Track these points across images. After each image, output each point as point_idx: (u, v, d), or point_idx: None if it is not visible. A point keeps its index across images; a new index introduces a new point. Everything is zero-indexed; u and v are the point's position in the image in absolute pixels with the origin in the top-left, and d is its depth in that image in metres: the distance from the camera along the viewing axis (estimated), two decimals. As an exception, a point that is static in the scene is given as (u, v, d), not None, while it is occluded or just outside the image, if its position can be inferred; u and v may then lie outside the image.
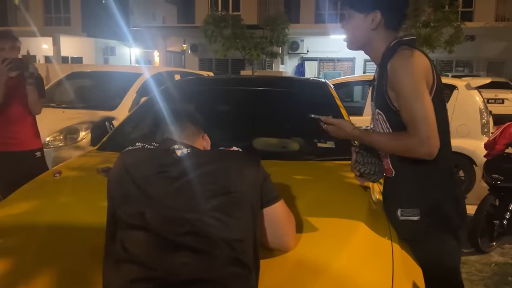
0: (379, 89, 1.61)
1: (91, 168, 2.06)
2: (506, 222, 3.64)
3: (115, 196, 1.27)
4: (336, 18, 19.36)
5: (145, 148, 1.36)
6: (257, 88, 3.20)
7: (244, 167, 1.31)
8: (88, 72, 6.80)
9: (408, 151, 1.51)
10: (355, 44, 1.69)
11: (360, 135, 1.65)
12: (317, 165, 2.27)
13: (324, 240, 1.48)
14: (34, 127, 3.17)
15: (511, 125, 3.77)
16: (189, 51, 21.00)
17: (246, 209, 1.24)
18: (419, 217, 1.59)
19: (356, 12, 1.62)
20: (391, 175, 1.69)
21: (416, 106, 1.46)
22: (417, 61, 1.50)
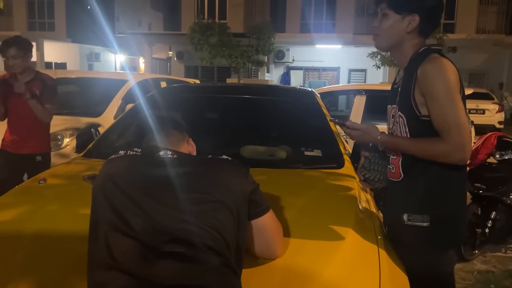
0: (404, 93, 1.61)
1: (76, 175, 2.04)
2: (488, 231, 3.70)
3: (99, 205, 1.25)
4: (321, 28, 19.63)
5: (128, 155, 1.34)
6: (244, 96, 3.21)
7: (231, 175, 1.30)
8: (72, 78, 6.72)
9: (441, 157, 1.52)
10: (385, 44, 1.69)
11: (388, 141, 1.65)
12: (304, 173, 2.29)
13: (312, 249, 1.48)
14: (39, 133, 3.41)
15: (492, 136, 3.86)
16: (175, 58, 20.94)
17: (231, 217, 1.23)
18: (429, 223, 1.58)
19: (394, 12, 1.61)
20: (398, 179, 1.68)
21: (451, 113, 1.48)
22: (451, 69, 1.52)
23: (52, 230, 1.56)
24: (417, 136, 1.59)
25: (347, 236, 1.56)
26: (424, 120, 1.56)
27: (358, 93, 5.85)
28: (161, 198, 1.21)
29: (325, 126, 2.70)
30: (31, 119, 3.30)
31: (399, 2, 1.60)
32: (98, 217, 1.25)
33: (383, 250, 1.56)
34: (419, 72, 1.53)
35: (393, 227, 1.71)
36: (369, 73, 18.81)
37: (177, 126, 1.46)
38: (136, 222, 1.18)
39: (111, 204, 1.22)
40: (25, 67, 3.29)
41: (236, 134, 2.81)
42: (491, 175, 3.76)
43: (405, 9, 1.59)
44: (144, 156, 1.33)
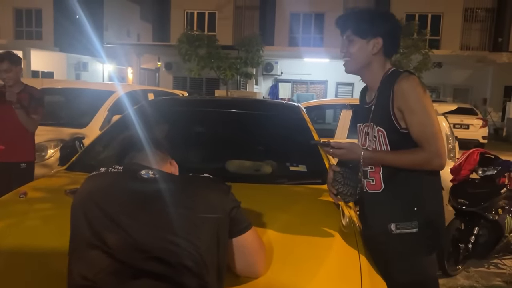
0: (381, 110, 1.73)
1: (58, 189, 2.01)
2: (471, 246, 3.73)
3: (78, 222, 1.24)
4: (309, 42, 19.86)
5: (109, 172, 1.33)
6: (231, 110, 3.22)
7: (212, 193, 1.29)
8: (59, 88, 6.67)
9: (423, 164, 1.66)
10: (354, 67, 1.82)
11: (372, 156, 1.74)
12: (289, 189, 2.28)
13: (294, 266, 1.48)
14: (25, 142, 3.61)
15: (475, 152, 3.92)
16: (163, 69, 20.94)
17: (211, 236, 1.22)
18: (417, 229, 1.67)
19: (359, 37, 1.75)
20: (379, 191, 1.76)
21: (429, 124, 1.64)
22: (422, 84, 1.69)
23: (30, 245, 1.53)
24: (396, 147, 1.70)
25: (329, 253, 1.56)
26: (403, 132, 1.69)
27: (345, 107, 5.91)
28: (140, 217, 1.20)
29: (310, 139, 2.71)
30: (17, 128, 3.52)
31: (363, 29, 1.75)
32: (76, 234, 1.24)
33: (365, 266, 1.56)
34: (396, 89, 1.67)
35: (376, 238, 1.75)
36: (356, 87, 19.02)
37: (161, 146, 1.46)
38: (114, 240, 1.17)
39: (89, 222, 1.21)
40: (16, 80, 3.56)
41: (222, 148, 2.81)
42: (474, 190, 3.80)
43: (368, 34, 1.75)
44: (125, 174, 1.32)
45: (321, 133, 3.01)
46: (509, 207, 3.85)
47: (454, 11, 19.70)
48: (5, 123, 3.53)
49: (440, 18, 19.87)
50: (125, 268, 1.15)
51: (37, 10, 22.23)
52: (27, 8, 22.24)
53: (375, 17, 1.79)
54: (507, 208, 3.82)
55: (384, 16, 1.82)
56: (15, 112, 3.47)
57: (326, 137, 5.33)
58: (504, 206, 3.82)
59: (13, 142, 3.55)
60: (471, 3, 19.84)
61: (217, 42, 15.71)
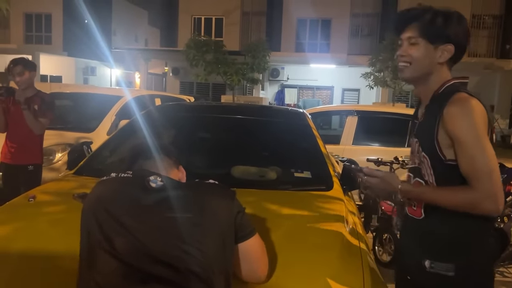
0: (427, 132, 1.52)
1: (66, 193, 2.04)
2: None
3: (87, 226, 1.27)
4: (316, 48, 19.89)
5: (119, 177, 1.36)
6: (237, 116, 3.25)
7: (218, 199, 1.32)
8: (67, 93, 6.74)
9: (470, 207, 1.40)
10: (414, 74, 1.58)
11: (410, 190, 1.55)
12: (294, 195, 2.30)
13: (297, 271, 1.49)
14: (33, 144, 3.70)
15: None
16: (170, 74, 21.05)
17: (217, 242, 1.24)
18: (454, 273, 1.46)
19: (426, 41, 1.51)
20: (418, 218, 1.57)
21: (480, 159, 1.38)
22: (479, 110, 1.42)
23: (39, 248, 1.56)
24: (442, 178, 1.49)
25: (332, 260, 1.57)
26: (450, 164, 1.46)
27: (350, 113, 5.92)
28: (148, 222, 1.23)
29: (315, 147, 2.73)
30: (27, 130, 3.63)
31: (434, 32, 1.50)
32: (87, 238, 1.26)
33: (368, 274, 1.57)
34: (446, 114, 1.44)
35: (412, 269, 1.60)
36: (362, 93, 19.01)
37: (169, 152, 1.49)
38: (122, 244, 1.20)
39: (98, 226, 1.23)
40: (29, 84, 3.70)
41: (227, 154, 2.83)
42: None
43: (439, 39, 1.50)
44: (134, 180, 1.35)
45: (326, 139, 3.03)
46: (515, 215, 3.83)
47: (462, 17, 19.64)
48: (16, 124, 3.66)
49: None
50: (133, 272, 1.17)
51: (46, 15, 22.49)
52: (37, 13, 22.51)
53: (450, 20, 1.50)
54: (512, 216, 3.80)
55: (459, 19, 1.51)
56: (21, 116, 3.59)
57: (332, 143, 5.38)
58: (509, 214, 3.80)
59: (22, 144, 3.67)
60: (478, 10, 19.79)
61: (224, 48, 15.79)
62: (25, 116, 3.58)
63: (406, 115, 6.05)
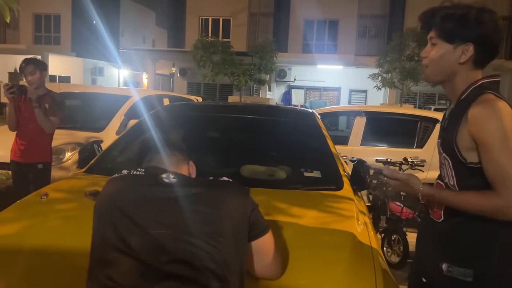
0: (448, 135, 1.48)
1: (78, 191, 2.06)
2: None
3: (101, 224, 1.27)
4: (323, 49, 19.86)
5: (131, 175, 1.35)
6: (246, 116, 3.25)
7: (232, 197, 1.31)
8: (76, 92, 6.79)
9: (494, 213, 1.35)
10: (435, 77, 1.53)
11: (432, 194, 1.50)
12: (303, 194, 2.30)
13: (308, 270, 1.49)
14: (43, 143, 3.75)
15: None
16: (178, 74, 21.13)
17: (232, 239, 1.24)
18: (472, 279, 1.41)
19: (444, 41, 1.46)
20: (438, 220, 1.53)
21: (508, 164, 1.32)
22: (507, 113, 1.36)
23: (52, 245, 1.57)
24: (463, 181, 1.46)
25: (343, 259, 1.57)
26: (472, 167, 1.41)
27: (358, 114, 5.90)
28: (163, 220, 1.23)
29: (324, 147, 2.73)
30: (37, 129, 3.69)
31: (450, 30, 1.44)
32: (99, 236, 1.26)
33: (379, 273, 1.56)
34: (470, 115, 1.38)
35: (428, 271, 1.57)
36: (369, 94, 18.95)
37: (179, 147, 1.48)
38: (137, 243, 1.19)
39: (113, 224, 1.23)
40: (40, 83, 3.77)
41: (237, 153, 2.84)
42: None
43: (458, 38, 1.44)
44: (147, 177, 1.34)
45: (334, 140, 3.02)
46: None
47: (470, 18, 19.53)
48: (26, 123, 3.71)
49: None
50: (150, 270, 1.17)
51: (55, 16, 22.68)
52: (46, 14, 22.70)
53: (467, 16, 1.43)
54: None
55: (479, 14, 1.44)
56: (32, 115, 3.64)
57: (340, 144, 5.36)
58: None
59: (32, 142, 3.72)
60: (488, 11, 19.65)
61: (231, 49, 15.82)
62: (36, 115, 3.63)
63: (414, 116, 6.03)
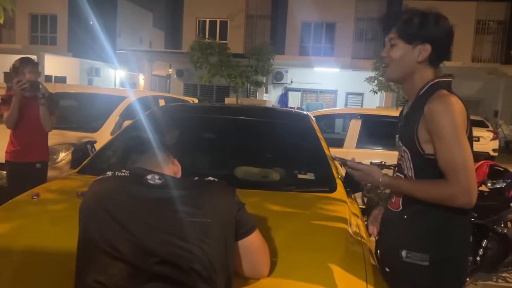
0: (408, 129, 1.57)
1: (70, 191, 2.05)
2: (479, 259, 3.70)
3: (87, 226, 1.25)
4: (320, 51, 19.90)
5: (116, 176, 1.34)
6: (241, 117, 3.25)
7: (218, 197, 1.31)
8: (71, 92, 6.76)
9: (447, 200, 1.45)
10: (396, 75, 1.64)
11: (390, 183, 1.61)
12: (297, 196, 2.29)
13: (299, 271, 1.48)
14: (42, 142, 3.75)
15: (485, 164, 3.89)
16: (174, 76, 21.11)
17: (218, 239, 1.23)
18: (428, 263, 1.51)
19: (404, 42, 1.56)
20: (396, 210, 1.63)
21: (457, 155, 1.42)
22: (458, 107, 1.47)
23: (42, 246, 1.56)
24: (421, 172, 1.55)
25: (335, 261, 1.56)
26: (428, 158, 1.51)
27: (354, 117, 5.92)
28: (149, 221, 1.21)
29: (318, 149, 2.73)
30: (36, 127, 3.67)
31: (410, 32, 1.54)
32: (85, 238, 1.25)
33: (371, 275, 1.56)
34: (426, 110, 1.49)
35: (390, 260, 1.65)
36: (366, 97, 19.00)
37: (163, 147, 1.46)
38: (124, 245, 1.18)
39: (98, 226, 1.22)
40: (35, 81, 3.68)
41: (231, 155, 2.84)
42: (483, 203, 3.77)
43: (415, 39, 1.54)
44: (132, 178, 1.33)
45: (330, 142, 3.02)
46: (519, 220, 3.81)
47: (466, 23, 19.62)
48: (28, 121, 3.66)
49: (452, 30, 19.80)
50: (137, 272, 1.16)
51: (52, 16, 22.61)
52: (42, 14, 22.63)
53: (426, 20, 1.55)
54: (516, 222, 3.79)
55: (436, 19, 1.56)
56: (36, 112, 3.62)
57: (335, 146, 5.37)
58: (513, 220, 3.78)
59: (32, 141, 3.69)
60: (483, 15, 19.77)
61: (228, 50, 15.83)
62: (42, 112, 3.61)
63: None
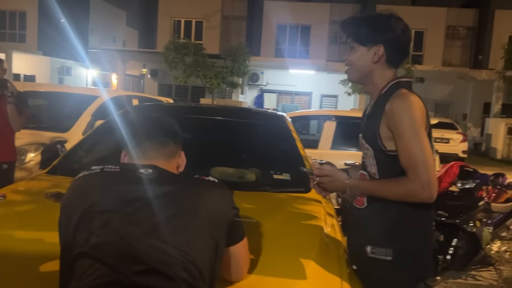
0: (371, 127, 1.62)
1: (39, 192, 1.98)
2: (450, 257, 3.79)
3: (70, 225, 1.15)
4: (295, 54, 20.06)
5: (104, 172, 1.22)
6: (216, 118, 3.22)
7: (215, 200, 1.23)
8: (41, 91, 6.57)
9: (409, 196, 1.49)
10: (356, 76, 1.71)
11: (356, 185, 1.64)
12: (272, 196, 2.29)
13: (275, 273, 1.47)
14: (9, 141, 3.58)
15: (455, 165, 4.00)
16: (148, 75, 20.84)
17: (210, 245, 1.17)
18: (391, 257, 1.56)
19: (359, 44, 1.64)
20: (361, 207, 1.67)
21: (417, 151, 1.47)
22: (417, 105, 1.53)
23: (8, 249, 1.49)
24: (384, 169, 1.60)
25: (310, 261, 1.56)
26: (390, 154, 1.56)
27: (328, 118, 5.97)
28: (139, 223, 1.13)
29: (294, 150, 2.74)
30: (4, 127, 3.51)
31: (363, 35, 1.63)
32: (68, 239, 1.16)
33: (345, 277, 1.57)
34: (387, 108, 1.54)
35: (357, 257, 1.69)
36: (340, 99, 19.25)
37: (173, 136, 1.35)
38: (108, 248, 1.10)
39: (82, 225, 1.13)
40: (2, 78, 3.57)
41: (207, 155, 2.81)
42: (453, 203, 3.88)
43: (369, 41, 1.62)
44: (122, 174, 1.22)
45: (305, 143, 3.03)
46: (487, 219, 3.93)
47: (437, 28, 20.18)
48: None
49: (423, 34, 20.32)
50: (120, 278, 1.09)
51: (21, 13, 21.98)
52: (10, 10, 21.97)
53: (377, 22, 1.65)
54: (484, 221, 3.90)
55: (387, 21, 1.65)
56: (2, 111, 3.47)
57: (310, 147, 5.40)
58: (481, 219, 3.90)
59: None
60: (453, 21, 20.36)
61: (204, 51, 15.75)
62: (10, 111, 3.46)
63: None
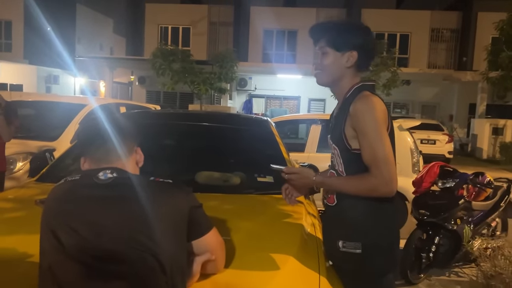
0: (337, 127, 1.72)
1: (28, 199, 2.03)
2: (432, 255, 3.89)
3: (44, 234, 1.26)
4: (282, 58, 20.19)
5: (67, 181, 1.33)
6: (201, 123, 3.30)
7: (172, 197, 1.32)
8: (29, 101, 6.58)
9: (372, 191, 1.60)
10: (327, 80, 1.78)
11: (322, 181, 1.75)
12: (255, 198, 2.37)
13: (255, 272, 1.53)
14: None
15: (436, 165, 4.11)
16: (136, 83, 20.82)
17: (171, 238, 1.25)
18: (361, 251, 1.65)
19: (333, 50, 1.71)
20: (332, 204, 1.76)
21: (379, 149, 1.57)
22: (379, 106, 1.63)
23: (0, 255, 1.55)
24: (350, 166, 1.70)
25: (288, 260, 1.61)
26: (355, 153, 1.66)
27: (314, 122, 6.07)
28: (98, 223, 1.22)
29: (277, 153, 2.82)
30: None
31: (338, 41, 1.71)
32: (42, 247, 1.26)
33: (324, 276, 1.61)
34: (351, 110, 1.64)
35: (330, 253, 1.78)
36: (328, 103, 19.42)
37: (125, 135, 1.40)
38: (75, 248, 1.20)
39: (54, 233, 1.23)
40: None
41: (192, 160, 2.88)
42: (434, 202, 3.98)
43: (343, 47, 1.71)
44: (82, 181, 1.32)
45: (293, 147, 3.10)
46: (467, 217, 4.04)
47: (422, 31, 20.49)
48: None
49: (408, 37, 20.62)
50: (92, 273, 1.19)
51: (6, 22, 21.83)
52: (-4, 20, 21.83)
53: (352, 30, 1.75)
54: (465, 219, 4.01)
55: (360, 28, 1.76)
56: None
57: (297, 151, 5.48)
58: (462, 217, 4.01)
59: None
60: (437, 24, 20.69)
61: (191, 57, 15.79)
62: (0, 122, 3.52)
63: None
